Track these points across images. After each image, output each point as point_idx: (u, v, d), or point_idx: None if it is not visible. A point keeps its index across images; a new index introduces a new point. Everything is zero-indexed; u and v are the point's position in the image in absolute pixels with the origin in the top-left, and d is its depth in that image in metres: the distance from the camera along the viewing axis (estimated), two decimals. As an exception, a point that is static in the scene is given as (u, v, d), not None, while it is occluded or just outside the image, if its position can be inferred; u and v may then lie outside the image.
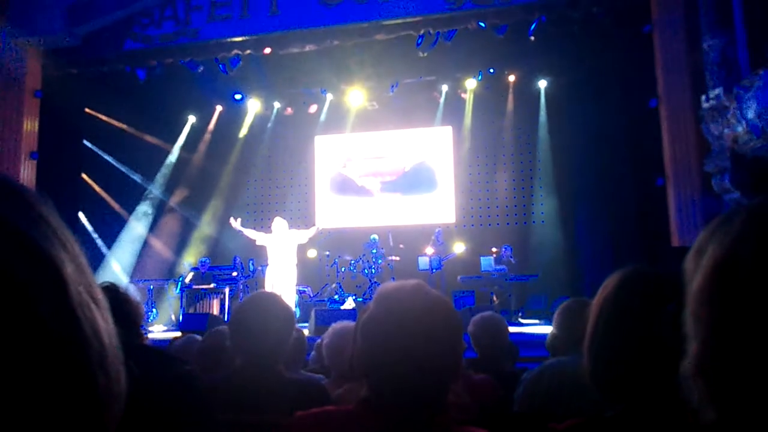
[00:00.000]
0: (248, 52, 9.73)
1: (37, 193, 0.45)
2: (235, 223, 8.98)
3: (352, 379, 2.33)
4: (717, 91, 6.93)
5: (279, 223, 8.88)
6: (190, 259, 11.42)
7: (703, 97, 7.17)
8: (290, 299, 8.58)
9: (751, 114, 6.38)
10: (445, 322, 1.21)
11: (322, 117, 12.90)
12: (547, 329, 2.35)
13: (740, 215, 0.57)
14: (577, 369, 1.24)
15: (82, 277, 0.44)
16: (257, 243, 9.03)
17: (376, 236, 10.95)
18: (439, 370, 1.18)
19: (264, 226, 9.18)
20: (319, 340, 2.78)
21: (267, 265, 9.06)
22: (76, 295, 0.42)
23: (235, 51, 9.71)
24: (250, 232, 9.02)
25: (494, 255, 10.59)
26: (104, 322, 0.45)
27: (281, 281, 8.60)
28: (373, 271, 10.56)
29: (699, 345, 0.57)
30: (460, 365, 1.24)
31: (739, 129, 6.57)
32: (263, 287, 8.87)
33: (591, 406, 1.20)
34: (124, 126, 11.19)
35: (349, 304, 9.87)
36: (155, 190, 12.25)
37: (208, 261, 10.99)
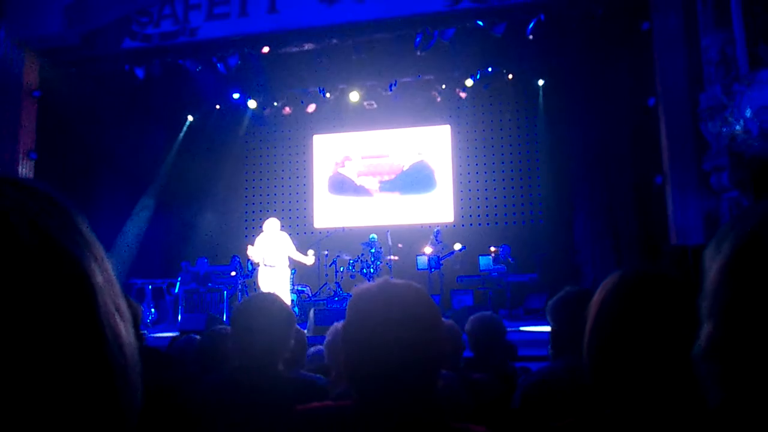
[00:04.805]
0: (247, 51, 9.72)
1: (69, 199, 0.47)
2: (255, 254, 8.83)
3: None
4: (715, 89, 6.95)
5: (271, 223, 8.85)
6: (188, 258, 11.39)
7: (702, 96, 7.18)
8: (285, 299, 8.50)
9: (749, 112, 6.39)
10: (417, 312, 1.21)
11: (321, 116, 12.90)
12: (545, 328, 2.35)
13: (758, 208, 0.58)
14: (576, 374, 1.24)
15: (110, 289, 0.45)
16: (262, 252, 8.86)
17: (374, 236, 10.94)
18: (421, 360, 1.18)
19: (263, 225, 9.14)
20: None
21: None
22: (103, 306, 0.43)
23: (234, 50, 9.70)
24: (256, 252, 8.82)
25: (493, 254, 10.59)
26: (128, 335, 0.45)
27: (274, 281, 8.57)
28: (371, 270, 10.55)
29: (713, 326, 0.58)
30: (442, 352, 1.24)
31: (737, 127, 6.58)
32: (258, 286, 8.84)
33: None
34: (122, 125, 11.16)
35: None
36: (153, 189, 12.23)
37: (206, 260, 10.98)
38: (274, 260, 8.69)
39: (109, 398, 0.42)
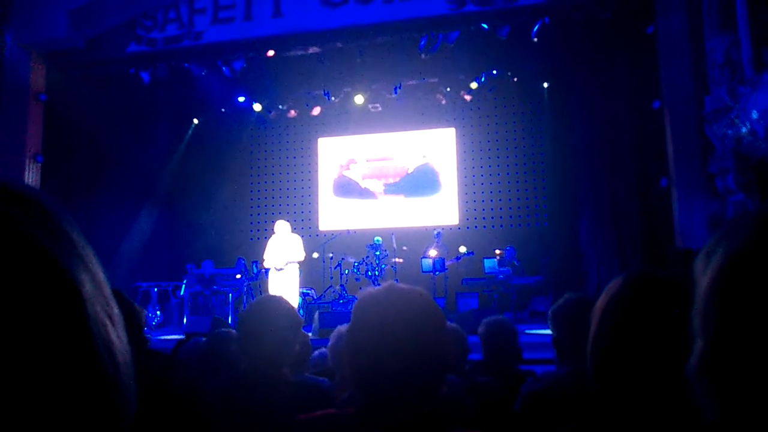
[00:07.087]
0: (252, 54, 9.74)
1: (57, 203, 0.46)
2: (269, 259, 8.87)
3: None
4: (720, 92, 6.92)
5: (282, 225, 8.87)
6: (193, 261, 11.42)
7: (707, 99, 7.16)
8: (293, 301, 8.53)
9: (755, 115, 6.36)
10: (422, 317, 1.21)
11: (326, 119, 12.93)
12: (550, 332, 2.35)
13: (751, 218, 0.58)
14: (580, 381, 1.23)
15: (100, 295, 0.44)
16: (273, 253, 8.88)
17: (379, 238, 10.94)
18: (425, 366, 1.18)
19: (267, 228, 9.17)
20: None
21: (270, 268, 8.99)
22: (93, 315, 0.42)
23: (239, 54, 9.72)
24: (270, 256, 8.86)
25: (498, 257, 10.58)
26: (119, 341, 0.45)
27: (284, 283, 8.57)
28: (376, 273, 10.55)
29: (705, 343, 0.57)
30: (447, 357, 1.24)
31: (743, 130, 6.56)
32: (267, 289, 8.86)
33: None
34: (128, 128, 11.20)
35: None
36: (159, 192, 12.26)
37: (211, 263, 11.00)
38: (283, 262, 8.66)
39: (102, 405, 0.41)
